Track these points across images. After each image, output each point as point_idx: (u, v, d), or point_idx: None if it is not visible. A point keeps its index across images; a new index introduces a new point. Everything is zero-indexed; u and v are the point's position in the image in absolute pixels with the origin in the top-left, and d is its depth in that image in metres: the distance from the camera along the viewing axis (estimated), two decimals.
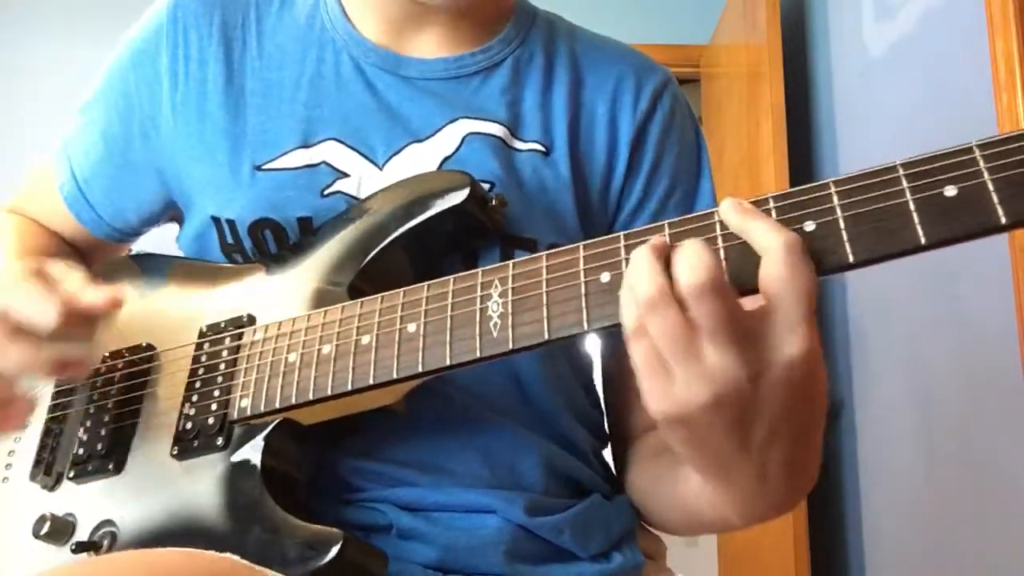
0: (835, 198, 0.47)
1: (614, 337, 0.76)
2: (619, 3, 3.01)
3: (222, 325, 0.67)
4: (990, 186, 0.43)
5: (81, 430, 0.67)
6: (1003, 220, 0.43)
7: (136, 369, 0.68)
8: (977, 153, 0.44)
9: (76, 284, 0.62)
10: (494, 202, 0.67)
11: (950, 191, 0.44)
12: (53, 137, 0.84)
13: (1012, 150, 0.43)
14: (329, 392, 0.59)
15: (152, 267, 0.76)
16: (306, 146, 0.71)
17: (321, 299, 0.65)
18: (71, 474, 0.65)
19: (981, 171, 0.43)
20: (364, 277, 0.66)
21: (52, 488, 0.66)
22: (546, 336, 0.52)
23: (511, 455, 0.67)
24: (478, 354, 0.54)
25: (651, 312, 0.45)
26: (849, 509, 2.14)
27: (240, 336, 0.65)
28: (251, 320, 0.66)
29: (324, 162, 0.71)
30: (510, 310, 0.54)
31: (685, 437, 0.50)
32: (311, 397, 0.59)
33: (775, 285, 0.45)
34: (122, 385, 0.68)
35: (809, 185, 0.48)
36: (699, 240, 0.46)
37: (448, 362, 0.55)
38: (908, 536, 1.86)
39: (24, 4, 3.03)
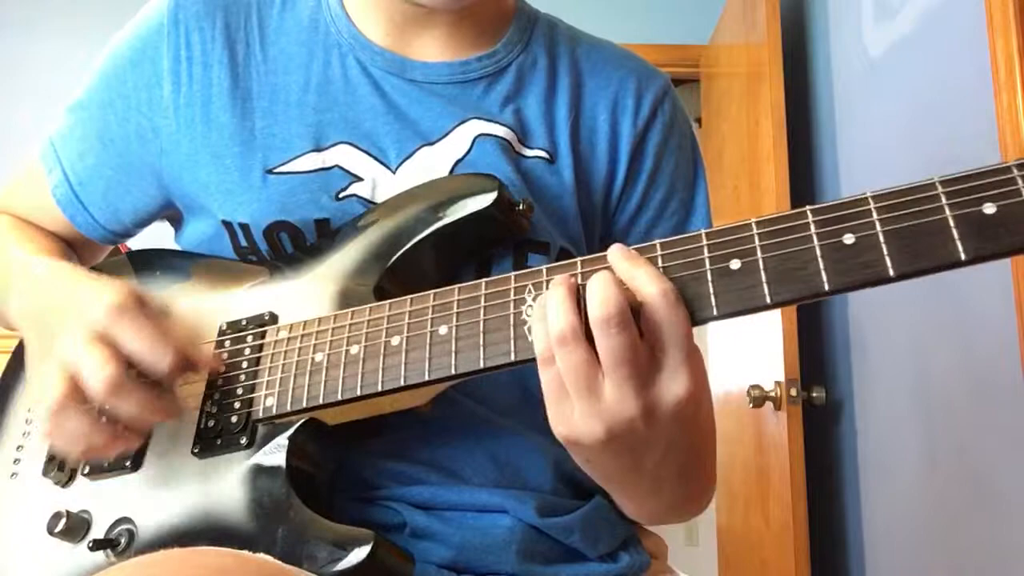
0: (874, 212, 0.48)
1: None
2: (619, 3, 3.02)
3: (243, 323, 0.66)
4: None
5: None
6: None
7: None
8: (1015, 172, 0.45)
9: (182, 331, 0.61)
10: (522, 206, 0.67)
11: (989, 209, 0.45)
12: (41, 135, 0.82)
13: None
14: (359, 392, 0.58)
15: (163, 264, 0.75)
16: (318, 149, 0.71)
17: (346, 299, 0.64)
18: (86, 470, 0.64)
19: (1020, 190, 0.45)
20: (389, 278, 0.65)
21: (65, 484, 0.65)
22: None
23: (519, 457, 0.68)
24: (512, 357, 0.54)
25: (561, 346, 0.49)
26: (849, 509, 2.14)
27: (263, 335, 0.65)
28: (273, 319, 0.66)
29: (337, 166, 0.70)
30: None
31: (582, 458, 0.56)
32: (340, 397, 0.59)
33: (659, 329, 0.49)
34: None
35: (846, 199, 0.49)
36: (606, 273, 0.50)
37: (482, 365, 0.55)
38: (908, 536, 1.86)
39: (24, 4, 3.03)
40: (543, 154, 0.74)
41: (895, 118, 1.92)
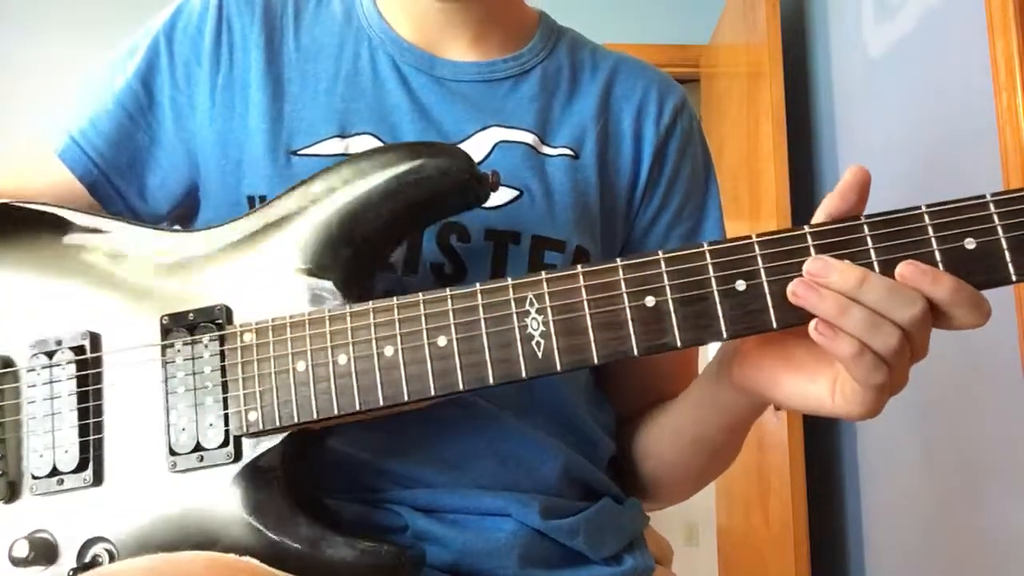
0: (869, 240, 0.52)
1: None
2: (620, 3, 3.02)
3: (190, 316, 0.60)
4: None
5: (33, 438, 0.61)
6: None
7: (86, 371, 0.61)
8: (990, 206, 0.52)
9: None
10: (490, 178, 0.63)
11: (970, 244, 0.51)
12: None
13: None
14: (358, 408, 0.55)
15: (59, 226, 0.66)
16: (342, 136, 0.72)
17: (311, 292, 0.60)
18: (34, 487, 0.60)
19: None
20: (353, 260, 0.61)
21: (9, 500, 0.61)
22: (595, 360, 0.53)
23: (525, 455, 0.68)
24: (523, 375, 0.53)
25: (921, 325, 0.55)
26: (849, 509, 2.14)
27: (221, 339, 0.59)
28: (226, 312, 0.60)
29: None
30: (552, 330, 0.53)
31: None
32: (336, 413, 0.56)
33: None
34: (73, 384, 0.61)
35: (844, 223, 0.53)
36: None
37: (491, 382, 0.53)
38: (908, 536, 1.86)
39: (24, 4, 3.03)
40: (567, 151, 0.75)
41: (895, 118, 1.92)
